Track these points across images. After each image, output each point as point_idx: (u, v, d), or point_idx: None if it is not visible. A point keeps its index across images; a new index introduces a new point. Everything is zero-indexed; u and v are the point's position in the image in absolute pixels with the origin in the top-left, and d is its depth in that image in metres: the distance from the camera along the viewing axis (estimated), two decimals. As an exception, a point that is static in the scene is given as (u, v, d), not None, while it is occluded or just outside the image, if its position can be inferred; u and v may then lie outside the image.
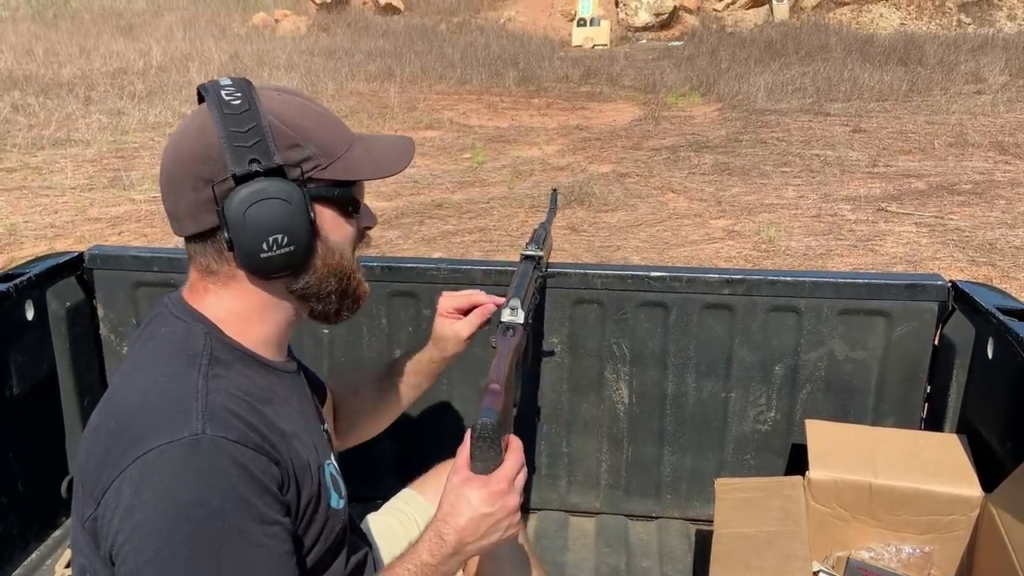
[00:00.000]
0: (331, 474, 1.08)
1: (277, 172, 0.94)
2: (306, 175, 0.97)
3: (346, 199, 1.02)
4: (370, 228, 1.09)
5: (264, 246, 0.94)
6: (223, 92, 0.95)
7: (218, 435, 0.87)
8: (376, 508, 1.52)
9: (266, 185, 0.93)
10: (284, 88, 1.03)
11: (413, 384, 1.47)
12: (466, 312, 1.44)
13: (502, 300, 1.37)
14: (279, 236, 0.94)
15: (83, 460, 0.93)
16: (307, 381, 1.21)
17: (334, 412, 1.43)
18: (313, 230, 0.98)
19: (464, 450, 1.00)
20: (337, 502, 1.07)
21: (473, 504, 0.98)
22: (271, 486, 0.90)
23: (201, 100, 1.00)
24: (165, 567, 0.83)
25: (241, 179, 0.92)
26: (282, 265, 0.97)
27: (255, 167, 0.92)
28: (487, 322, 1.44)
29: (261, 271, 0.97)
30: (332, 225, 1.01)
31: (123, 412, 0.92)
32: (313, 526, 1.00)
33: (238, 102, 0.94)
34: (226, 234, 0.93)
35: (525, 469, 1.04)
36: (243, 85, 0.96)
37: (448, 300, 1.44)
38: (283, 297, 1.02)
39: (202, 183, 0.94)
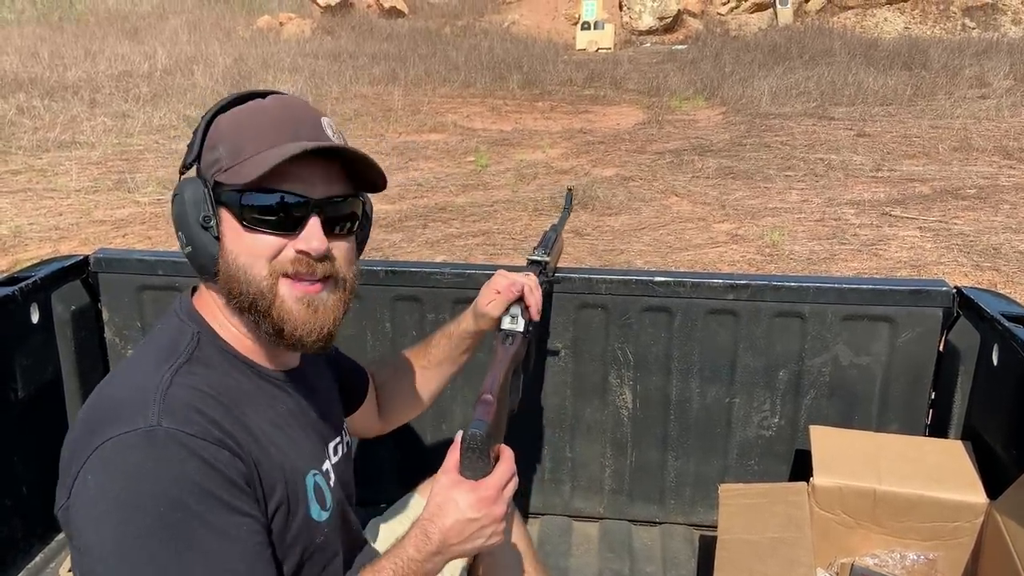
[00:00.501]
0: (315, 484, 1.06)
1: (192, 172, 0.98)
2: (212, 176, 0.97)
3: (238, 206, 0.95)
4: (306, 252, 0.97)
5: (180, 244, 0.99)
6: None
7: (174, 427, 0.87)
8: (380, 512, 1.52)
9: (178, 183, 0.98)
10: (288, 96, 1.04)
11: (451, 358, 1.46)
12: None
13: (536, 303, 1.36)
14: (181, 234, 0.97)
15: (62, 452, 0.95)
16: (339, 371, 1.26)
17: (376, 395, 1.44)
18: (209, 234, 0.96)
19: (453, 453, 1.01)
20: (319, 514, 1.05)
21: (460, 507, 0.99)
22: (236, 479, 0.90)
23: None
24: (127, 557, 0.84)
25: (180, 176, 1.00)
26: (196, 267, 1.00)
27: (185, 165, 0.99)
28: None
29: (193, 269, 1.01)
30: (231, 233, 0.97)
31: (95, 405, 0.94)
32: (288, 533, 1.00)
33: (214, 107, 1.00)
34: None
35: (516, 479, 1.04)
36: (238, 95, 1.01)
37: (501, 279, 1.39)
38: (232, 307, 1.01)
39: None
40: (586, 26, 13.23)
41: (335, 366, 1.30)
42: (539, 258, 1.51)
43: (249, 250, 0.96)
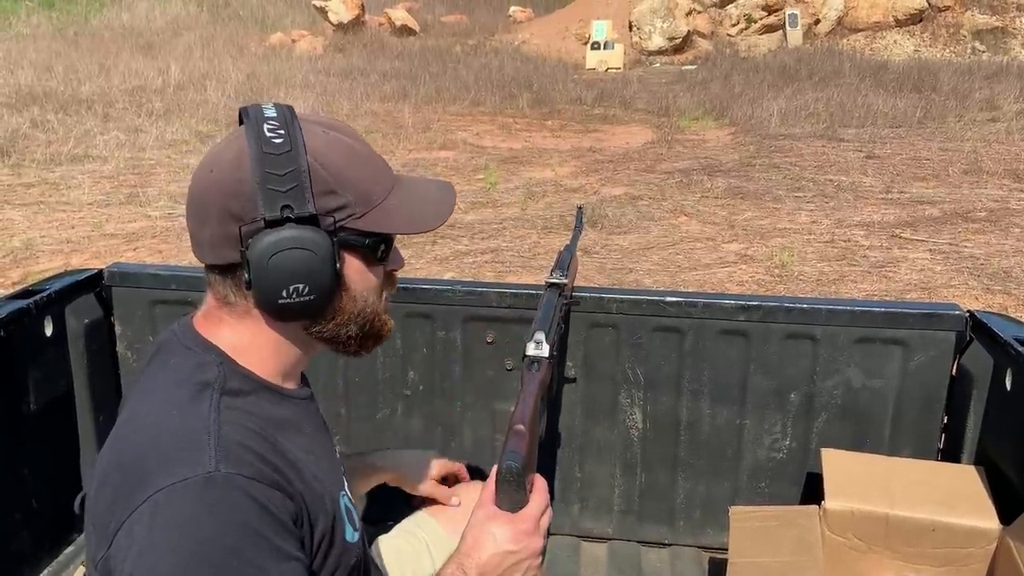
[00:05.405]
0: (345, 506, 1.05)
1: (309, 220, 0.91)
2: (338, 223, 0.93)
3: (376, 248, 0.99)
4: (396, 270, 1.06)
5: (284, 293, 0.92)
6: (265, 126, 0.91)
7: (232, 472, 0.85)
8: (387, 530, 1.52)
9: (296, 233, 0.90)
10: (331, 123, 1.00)
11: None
12: (444, 480, 1.47)
13: (457, 498, 1.42)
14: (300, 286, 0.92)
15: (93, 499, 0.91)
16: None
17: None
18: (338, 280, 0.95)
19: (489, 486, 1.00)
20: (352, 535, 1.05)
21: (497, 540, 0.97)
22: (287, 521, 0.89)
23: (243, 120, 0.96)
24: None
25: (271, 223, 0.90)
26: (299, 313, 0.95)
27: (287, 213, 0.90)
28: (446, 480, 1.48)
29: (277, 315, 0.96)
30: (358, 274, 0.98)
31: (133, 449, 0.90)
32: (328, 561, 0.98)
33: (279, 140, 0.91)
34: (246, 275, 0.91)
35: (551, 510, 1.03)
36: (287, 119, 0.93)
37: (447, 467, 1.47)
38: (300, 336, 1.00)
39: (229, 218, 0.91)
40: (596, 46, 13.31)
41: None
42: (558, 280, 1.50)
43: (370, 284, 1.01)
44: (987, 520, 1.58)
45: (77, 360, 1.94)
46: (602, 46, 13.27)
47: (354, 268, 0.98)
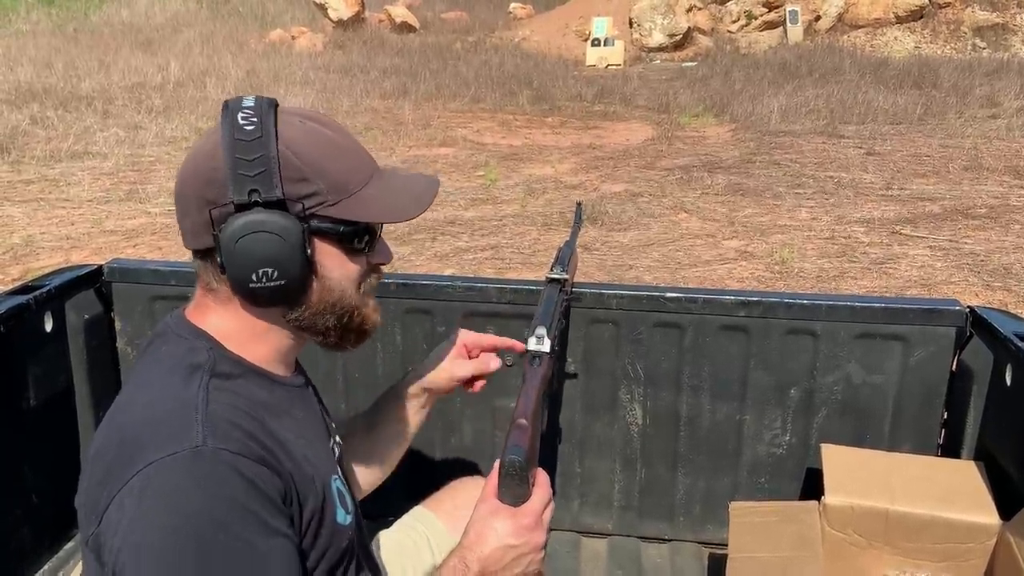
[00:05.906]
0: (338, 489, 1.07)
1: (277, 205, 0.93)
2: (309, 210, 0.95)
3: (352, 237, 0.99)
4: (383, 264, 1.07)
5: (253, 276, 0.94)
6: (239, 115, 0.94)
7: (219, 447, 0.87)
8: (387, 526, 1.52)
9: (263, 217, 0.92)
10: (312, 115, 1.01)
11: (400, 432, 1.39)
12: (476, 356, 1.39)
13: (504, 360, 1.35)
14: (269, 270, 0.94)
15: (86, 479, 0.93)
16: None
17: None
18: (309, 267, 0.96)
19: (491, 480, 1.00)
20: (344, 518, 1.06)
21: (500, 534, 0.98)
22: (274, 497, 0.90)
23: None
24: None
25: (240, 207, 0.92)
26: (271, 297, 0.97)
27: (255, 197, 0.92)
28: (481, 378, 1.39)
29: (251, 299, 0.97)
30: (333, 262, 1.00)
31: (124, 429, 0.92)
32: (318, 541, 1.00)
33: (251, 127, 0.93)
34: (219, 259, 0.94)
35: (553, 504, 1.03)
36: (262, 109, 0.95)
37: (469, 335, 1.38)
38: (281, 324, 1.02)
39: (205, 204, 0.94)
40: (596, 43, 13.29)
41: None
42: (559, 276, 1.50)
43: (351, 275, 1.02)
44: (987, 516, 1.58)
45: (77, 356, 1.94)
46: (602, 43, 13.24)
47: (329, 256, 0.99)
